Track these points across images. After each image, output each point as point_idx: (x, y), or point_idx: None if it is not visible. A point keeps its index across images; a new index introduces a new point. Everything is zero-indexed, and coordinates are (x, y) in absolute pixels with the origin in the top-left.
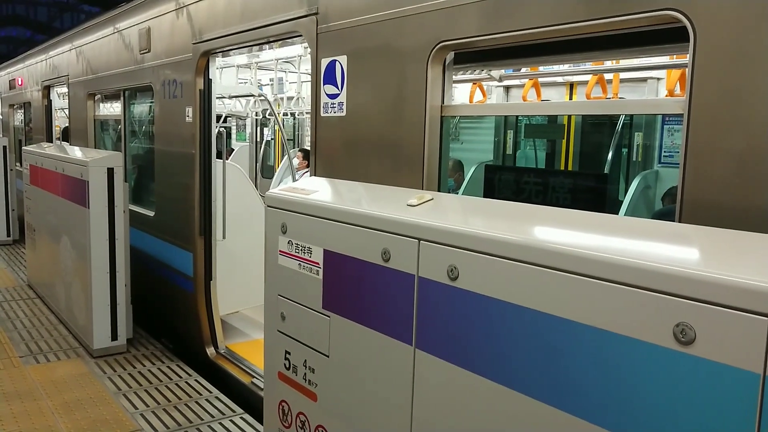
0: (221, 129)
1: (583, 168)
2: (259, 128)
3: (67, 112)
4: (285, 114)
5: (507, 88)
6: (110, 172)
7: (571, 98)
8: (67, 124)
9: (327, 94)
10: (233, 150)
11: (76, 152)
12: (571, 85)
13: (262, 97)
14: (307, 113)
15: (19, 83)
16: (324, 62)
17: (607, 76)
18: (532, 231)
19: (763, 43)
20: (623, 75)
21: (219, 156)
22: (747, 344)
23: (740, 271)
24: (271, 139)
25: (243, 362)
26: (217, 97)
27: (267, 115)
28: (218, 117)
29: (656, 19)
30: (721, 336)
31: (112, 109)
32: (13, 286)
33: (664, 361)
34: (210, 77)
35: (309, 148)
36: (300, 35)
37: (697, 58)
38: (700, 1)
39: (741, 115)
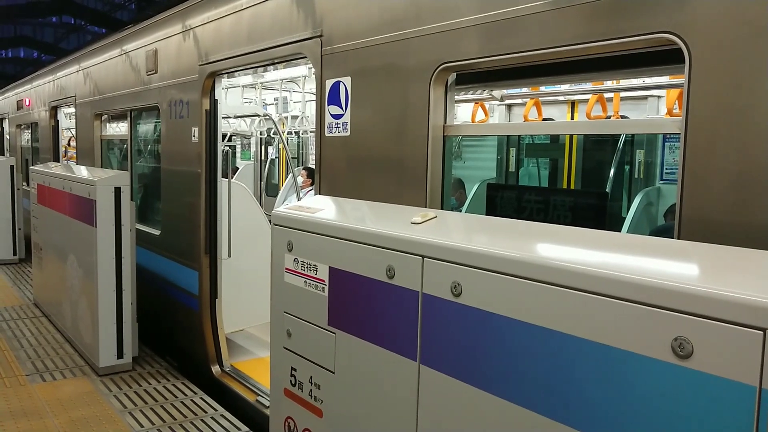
0: (226, 148)
1: (585, 185)
2: (263, 147)
3: (73, 132)
4: (289, 133)
5: (509, 106)
6: (117, 191)
7: (572, 115)
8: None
9: (331, 115)
10: (238, 169)
11: (83, 172)
12: (573, 103)
13: (267, 117)
14: (311, 132)
15: (27, 104)
16: (328, 83)
17: (608, 94)
18: (533, 248)
19: (756, 63)
20: (624, 93)
21: (224, 175)
22: (743, 357)
23: (736, 287)
24: (276, 157)
25: (248, 380)
26: (222, 117)
27: (271, 134)
28: (223, 136)
29: (653, 42)
30: (718, 349)
31: (119, 129)
32: (19, 304)
33: (663, 374)
34: (216, 98)
35: (313, 167)
36: (305, 57)
37: (692, 79)
38: (694, 25)
39: (736, 134)
